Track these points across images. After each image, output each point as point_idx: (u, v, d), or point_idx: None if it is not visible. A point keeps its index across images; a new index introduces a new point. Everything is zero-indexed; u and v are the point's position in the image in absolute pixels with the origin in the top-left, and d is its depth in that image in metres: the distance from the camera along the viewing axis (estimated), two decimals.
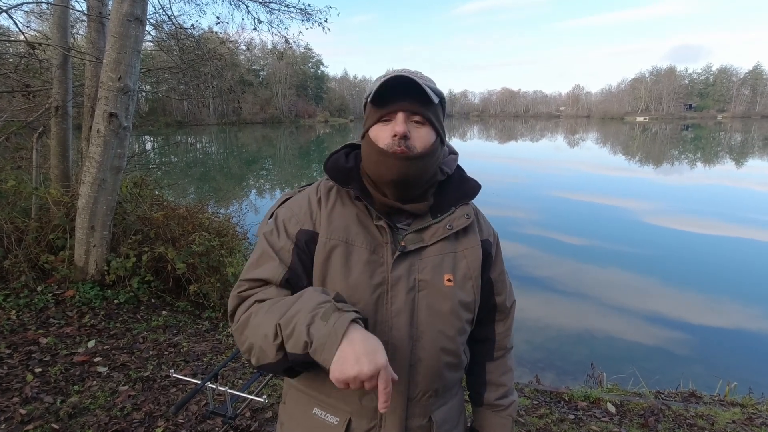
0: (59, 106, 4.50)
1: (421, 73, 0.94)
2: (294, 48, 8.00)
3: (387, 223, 0.91)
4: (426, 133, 0.90)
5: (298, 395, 1.00)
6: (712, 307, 5.81)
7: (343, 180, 0.95)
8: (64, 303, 3.63)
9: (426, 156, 0.90)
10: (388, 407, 0.71)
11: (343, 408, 0.92)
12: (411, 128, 0.89)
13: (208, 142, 38.75)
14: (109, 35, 3.52)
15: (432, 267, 0.92)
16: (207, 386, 1.58)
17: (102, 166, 3.71)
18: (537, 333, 5.06)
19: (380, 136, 0.90)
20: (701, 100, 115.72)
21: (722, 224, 9.77)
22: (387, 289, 0.90)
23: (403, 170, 0.89)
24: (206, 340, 3.64)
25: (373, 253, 0.90)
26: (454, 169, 1.03)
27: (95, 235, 3.82)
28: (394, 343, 0.89)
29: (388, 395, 0.71)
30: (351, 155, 1.02)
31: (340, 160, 0.99)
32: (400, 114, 0.88)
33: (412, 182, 0.92)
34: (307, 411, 0.97)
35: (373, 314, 0.89)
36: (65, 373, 2.82)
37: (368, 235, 0.92)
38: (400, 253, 0.91)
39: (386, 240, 0.91)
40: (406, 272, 0.90)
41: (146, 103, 38.87)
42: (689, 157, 27.10)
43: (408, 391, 0.91)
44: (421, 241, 0.93)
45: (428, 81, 0.92)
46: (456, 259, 0.95)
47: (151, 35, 6.89)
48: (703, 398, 3.36)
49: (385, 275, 0.90)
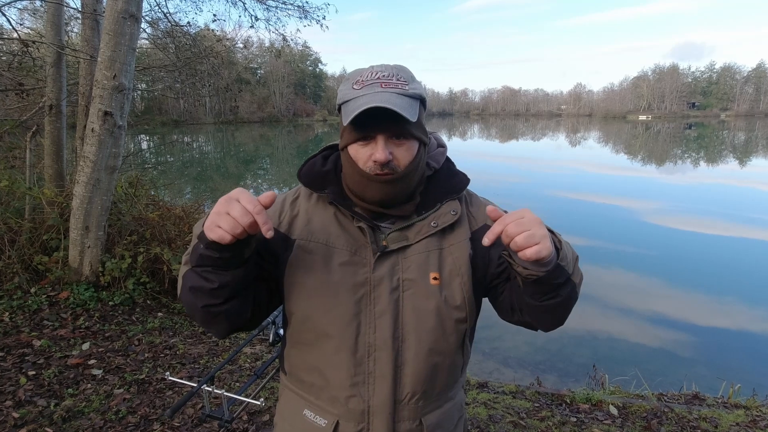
0: (53, 105, 4.49)
1: (398, 71, 0.88)
2: (292, 46, 8.01)
3: (367, 224, 0.90)
4: (408, 148, 0.87)
5: (291, 396, 1.00)
6: (716, 308, 5.82)
7: (319, 185, 0.94)
8: (58, 305, 3.62)
9: (410, 173, 0.89)
10: (269, 228, 0.72)
11: (331, 411, 0.92)
12: (392, 148, 0.85)
13: (204, 141, 38.69)
14: (104, 33, 3.52)
15: (417, 266, 0.90)
16: (203, 389, 1.57)
17: (97, 166, 3.70)
18: (538, 334, 5.04)
19: (360, 155, 0.87)
20: (704, 98, 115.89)
21: (726, 224, 9.78)
22: (369, 290, 0.89)
23: (388, 192, 0.87)
24: (202, 342, 3.63)
25: (354, 254, 0.90)
26: (443, 162, 1.00)
27: (90, 236, 3.81)
28: (378, 345, 0.88)
29: (259, 214, 0.72)
30: (330, 158, 1.00)
31: (316, 164, 0.98)
32: (380, 138, 0.84)
33: (398, 199, 0.91)
34: (298, 412, 0.97)
35: (356, 316, 0.88)
36: (59, 376, 2.81)
37: (349, 237, 0.91)
38: (381, 252, 0.89)
39: (367, 241, 0.90)
40: (388, 272, 0.89)
41: (142, 101, 38.85)
42: (692, 156, 27.14)
43: (395, 393, 0.90)
44: (405, 239, 0.91)
45: (406, 82, 0.86)
46: (442, 257, 0.92)
47: (147, 33, 6.90)
48: (706, 400, 3.36)
49: (368, 276, 0.89)
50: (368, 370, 0.89)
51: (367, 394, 0.90)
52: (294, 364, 0.97)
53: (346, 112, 0.84)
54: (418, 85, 0.89)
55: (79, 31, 5.06)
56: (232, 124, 62.40)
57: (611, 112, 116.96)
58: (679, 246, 8.46)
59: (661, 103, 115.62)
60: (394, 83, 0.85)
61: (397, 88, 0.84)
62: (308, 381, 0.94)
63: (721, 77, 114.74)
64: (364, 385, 0.90)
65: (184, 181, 15.47)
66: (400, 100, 0.83)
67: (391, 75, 0.86)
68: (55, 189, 4.34)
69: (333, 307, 0.88)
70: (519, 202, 12.14)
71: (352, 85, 0.87)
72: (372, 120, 0.82)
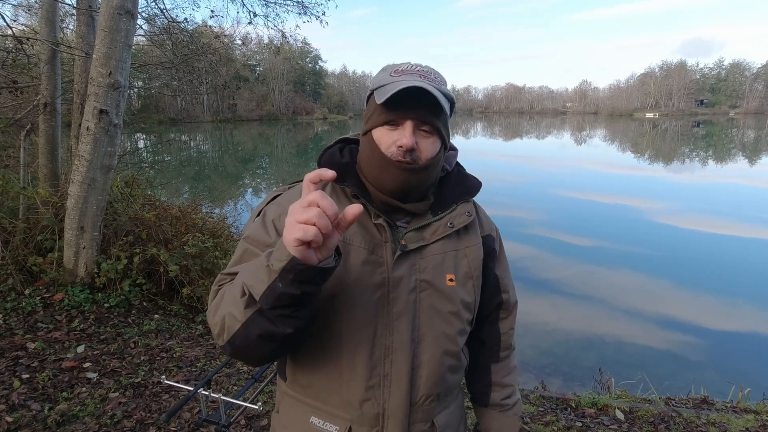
0: (48, 103, 4.49)
1: (434, 71, 0.92)
2: (291, 43, 8.02)
3: (386, 221, 0.90)
4: (433, 143, 0.89)
5: (293, 404, 0.97)
6: (725, 310, 5.80)
7: (339, 177, 0.93)
8: (52, 307, 3.62)
9: (430, 167, 0.90)
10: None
11: (343, 416, 0.91)
12: (418, 138, 0.87)
13: (202, 139, 38.77)
14: (99, 29, 3.52)
15: (434, 266, 0.91)
16: (200, 393, 1.57)
17: (92, 165, 3.70)
18: (543, 338, 5.05)
19: (384, 140, 0.88)
20: (713, 95, 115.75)
21: (736, 224, 9.75)
22: (388, 290, 0.88)
23: (406, 181, 0.88)
24: (200, 344, 3.64)
25: (372, 253, 0.89)
26: (454, 165, 1.03)
27: (85, 237, 3.82)
28: (395, 347, 0.88)
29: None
30: (345, 150, 1.01)
31: (335, 155, 0.98)
32: (408, 123, 0.86)
33: (414, 191, 0.92)
34: (303, 420, 0.95)
35: (374, 317, 0.87)
36: (53, 379, 2.81)
37: (366, 233, 0.90)
38: (402, 252, 0.89)
39: (385, 239, 0.90)
40: (407, 272, 0.89)
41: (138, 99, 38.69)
42: (701, 155, 27.10)
43: (411, 396, 0.91)
44: (422, 239, 0.92)
45: (441, 83, 0.90)
46: (457, 258, 0.94)
47: (143, 29, 6.90)
48: (715, 405, 3.35)
49: (386, 276, 0.88)
50: (384, 372, 0.89)
51: (382, 397, 0.89)
52: (300, 368, 0.94)
53: (381, 94, 0.85)
54: (449, 91, 0.92)
55: (74, 28, 5.07)
56: (231, 122, 62.53)
57: (617, 109, 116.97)
58: (687, 247, 8.44)
59: (668, 100, 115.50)
60: (432, 78, 0.89)
61: (435, 83, 0.88)
62: (316, 386, 0.92)
63: (730, 74, 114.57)
64: (379, 388, 0.89)
65: (182, 180, 15.49)
66: (437, 85, 0.87)
67: (429, 71, 0.90)
68: (50, 189, 4.33)
69: (350, 307, 0.87)
70: (524, 202, 12.14)
71: (390, 73, 0.89)
72: (405, 105, 0.85)
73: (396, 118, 0.87)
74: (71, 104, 4.73)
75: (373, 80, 0.93)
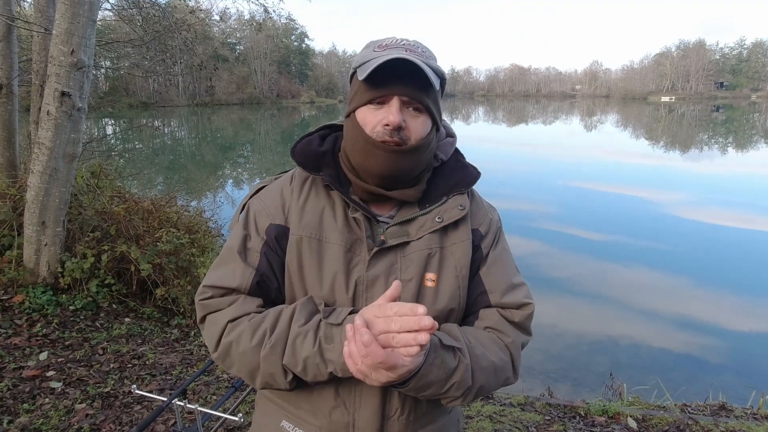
0: (3, 85, 4.45)
1: (422, 45, 0.91)
2: (274, 18, 7.96)
3: (364, 214, 0.90)
4: (422, 122, 0.89)
5: (267, 405, 1.01)
6: (747, 310, 5.87)
7: (314, 166, 0.94)
8: (11, 310, 3.59)
9: (420, 148, 0.89)
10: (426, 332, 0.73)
11: (312, 422, 0.93)
12: (406, 116, 0.87)
13: (177, 125, 38.51)
14: (60, 2, 3.46)
15: (416, 265, 0.90)
16: (174, 403, 1.57)
17: (54, 154, 3.66)
18: (551, 340, 5.08)
19: (369, 120, 0.87)
20: (734, 77, 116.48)
21: (759, 218, 9.86)
22: (363, 290, 0.88)
23: (393, 164, 0.87)
24: (175, 350, 3.63)
25: (348, 251, 0.89)
26: (451, 154, 1.02)
27: (47, 233, 3.79)
28: None
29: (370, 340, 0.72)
30: (329, 138, 1.00)
31: (312, 143, 0.98)
32: (395, 100, 0.86)
33: (402, 177, 0.90)
34: (275, 423, 0.98)
35: None
36: (13, 389, 2.79)
37: (343, 229, 0.90)
38: (378, 248, 0.89)
39: (363, 234, 0.89)
40: (385, 271, 0.89)
41: (106, 81, 38.51)
42: (720, 142, 27.32)
43: (383, 408, 0.90)
44: (406, 235, 0.91)
45: (430, 58, 0.90)
46: (442, 256, 0.92)
47: (110, 3, 6.82)
48: (734, 411, 3.39)
49: (361, 274, 0.88)
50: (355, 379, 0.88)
51: (352, 407, 0.90)
52: None
53: (363, 70, 0.85)
54: (439, 66, 0.91)
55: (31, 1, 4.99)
56: (208, 106, 62.11)
57: (631, 92, 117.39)
58: (706, 242, 8.52)
59: (685, 82, 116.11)
60: (419, 52, 0.88)
61: (423, 57, 0.87)
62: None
63: (752, 54, 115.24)
64: (349, 395, 0.90)
65: (155, 170, 15.40)
66: (424, 59, 0.86)
67: (416, 45, 0.91)
68: (7, 180, 4.31)
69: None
70: (530, 193, 12.19)
71: (374, 49, 0.89)
72: (390, 81, 0.84)
73: (381, 96, 0.86)
74: (30, 86, 4.68)
75: (356, 58, 0.92)
